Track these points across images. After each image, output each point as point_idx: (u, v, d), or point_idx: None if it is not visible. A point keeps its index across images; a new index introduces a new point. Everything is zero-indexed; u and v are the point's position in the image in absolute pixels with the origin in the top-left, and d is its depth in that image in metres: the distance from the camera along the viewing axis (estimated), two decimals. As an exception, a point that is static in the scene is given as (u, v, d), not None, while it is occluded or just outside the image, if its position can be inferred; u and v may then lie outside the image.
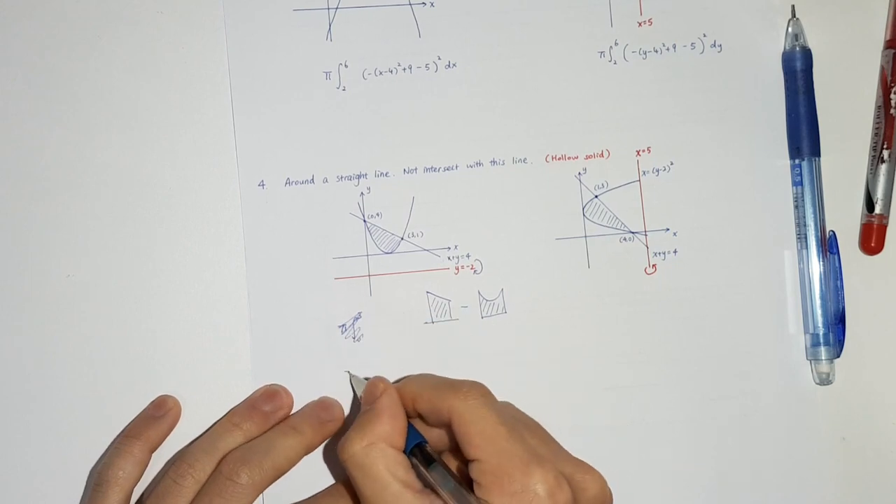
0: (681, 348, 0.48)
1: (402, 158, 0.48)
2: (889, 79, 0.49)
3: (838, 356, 0.48)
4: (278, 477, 0.43)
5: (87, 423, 0.46)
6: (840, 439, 0.48)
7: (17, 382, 0.47)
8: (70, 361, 0.47)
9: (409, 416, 0.42)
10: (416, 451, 0.41)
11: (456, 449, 0.41)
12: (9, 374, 0.47)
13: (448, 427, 0.41)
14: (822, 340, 0.48)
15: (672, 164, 0.49)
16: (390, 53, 0.48)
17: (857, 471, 0.48)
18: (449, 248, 0.48)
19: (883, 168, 0.48)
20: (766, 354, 0.48)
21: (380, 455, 0.40)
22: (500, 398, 0.47)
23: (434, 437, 0.42)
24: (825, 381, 0.48)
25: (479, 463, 0.39)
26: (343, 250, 0.48)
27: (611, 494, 0.41)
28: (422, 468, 0.40)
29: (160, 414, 0.46)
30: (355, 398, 0.47)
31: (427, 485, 0.40)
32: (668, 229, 0.49)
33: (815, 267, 0.48)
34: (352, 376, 0.46)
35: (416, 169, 0.48)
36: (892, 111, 0.48)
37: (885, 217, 0.48)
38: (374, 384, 0.43)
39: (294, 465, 0.44)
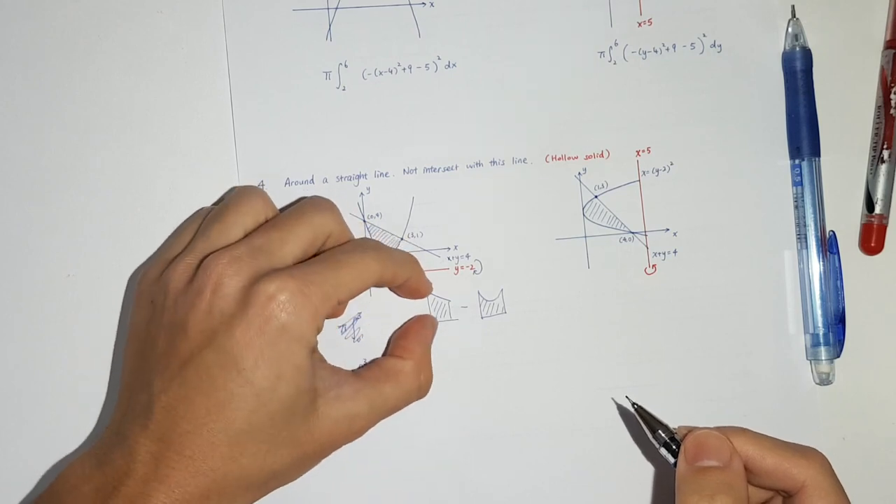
0: (681, 348, 0.48)
1: (402, 158, 0.48)
2: (889, 79, 0.49)
3: (838, 356, 0.48)
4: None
5: (86, 423, 0.46)
6: (840, 439, 0.48)
7: (17, 382, 0.47)
8: (70, 361, 0.47)
9: None
10: None
11: None
12: (9, 373, 0.47)
13: (783, 491, 0.41)
14: (822, 340, 0.48)
15: (672, 164, 0.49)
16: (390, 53, 0.48)
17: (857, 471, 0.48)
18: (449, 248, 0.48)
19: (883, 168, 0.48)
20: (766, 354, 0.48)
21: None
22: (499, 398, 0.48)
23: None
24: (825, 381, 0.48)
25: None
26: (343, 250, 0.48)
27: None
28: None
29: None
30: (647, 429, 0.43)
31: None
32: (668, 229, 0.49)
33: (815, 267, 0.48)
34: (637, 407, 0.43)
35: (415, 169, 0.48)
36: (892, 111, 0.48)
37: (885, 217, 0.48)
38: (720, 440, 0.41)
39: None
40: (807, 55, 0.49)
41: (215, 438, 0.38)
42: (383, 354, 0.47)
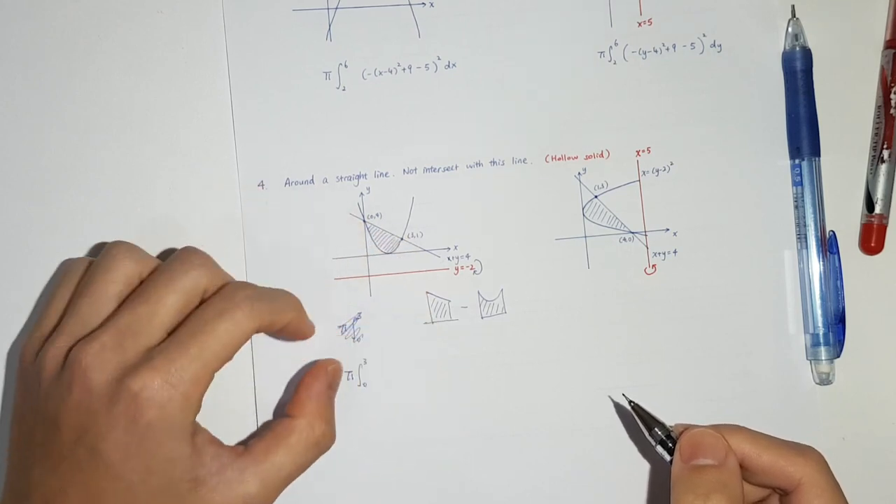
0: (681, 348, 0.48)
1: (401, 158, 0.48)
2: (889, 79, 0.49)
3: (838, 356, 0.48)
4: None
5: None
6: (840, 439, 0.48)
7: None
8: (70, 361, 0.47)
9: None
10: None
11: None
12: (10, 374, 0.47)
13: (779, 489, 0.41)
14: (822, 340, 0.48)
15: (672, 164, 0.49)
16: (390, 53, 0.48)
17: (857, 471, 0.48)
18: (449, 248, 0.48)
19: (883, 168, 0.48)
20: (766, 354, 0.48)
21: None
22: (499, 398, 0.48)
23: None
24: (825, 381, 0.48)
25: None
26: (343, 251, 0.48)
27: None
28: None
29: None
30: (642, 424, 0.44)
31: None
32: (668, 229, 0.49)
33: (815, 267, 0.48)
34: (634, 405, 0.44)
35: (415, 169, 0.48)
36: (892, 111, 0.48)
37: (885, 217, 0.48)
38: (716, 438, 0.41)
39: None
40: (807, 55, 0.49)
41: None
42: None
